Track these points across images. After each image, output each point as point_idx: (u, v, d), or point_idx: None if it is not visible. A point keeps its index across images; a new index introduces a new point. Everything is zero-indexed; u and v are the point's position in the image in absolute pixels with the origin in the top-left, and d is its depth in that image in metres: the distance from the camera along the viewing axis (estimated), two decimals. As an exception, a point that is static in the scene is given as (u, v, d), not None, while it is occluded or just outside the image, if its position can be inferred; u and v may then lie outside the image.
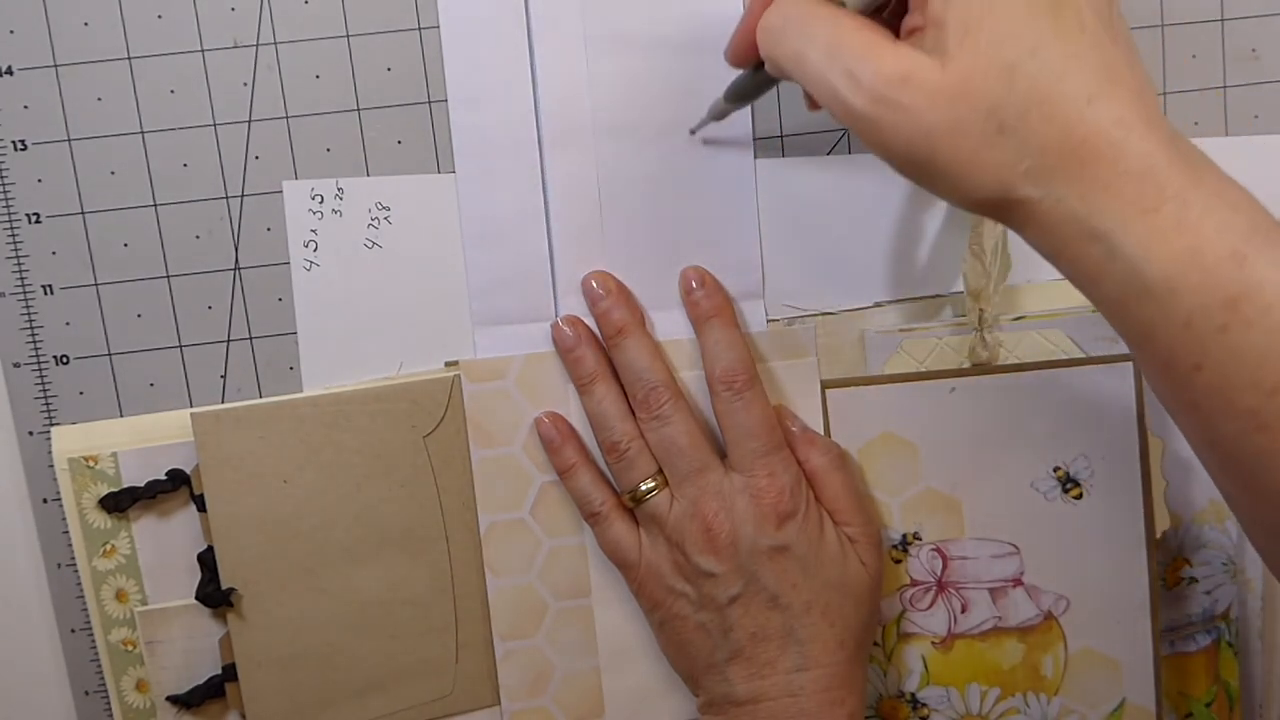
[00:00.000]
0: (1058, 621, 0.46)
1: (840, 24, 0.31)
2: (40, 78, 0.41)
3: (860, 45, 0.30)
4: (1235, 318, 0.27)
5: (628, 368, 0.43)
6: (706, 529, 0.41)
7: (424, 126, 0.43)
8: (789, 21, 0.32)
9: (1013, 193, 0.29)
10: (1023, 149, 0.29)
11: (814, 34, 0.31)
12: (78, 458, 0.42)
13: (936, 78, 0.29)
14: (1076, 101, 0.28)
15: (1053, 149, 0.28)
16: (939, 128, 0.29)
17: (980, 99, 0.28)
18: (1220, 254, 0.27)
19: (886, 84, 0.29)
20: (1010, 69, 0.28)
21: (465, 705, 0.46)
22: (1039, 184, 0.29)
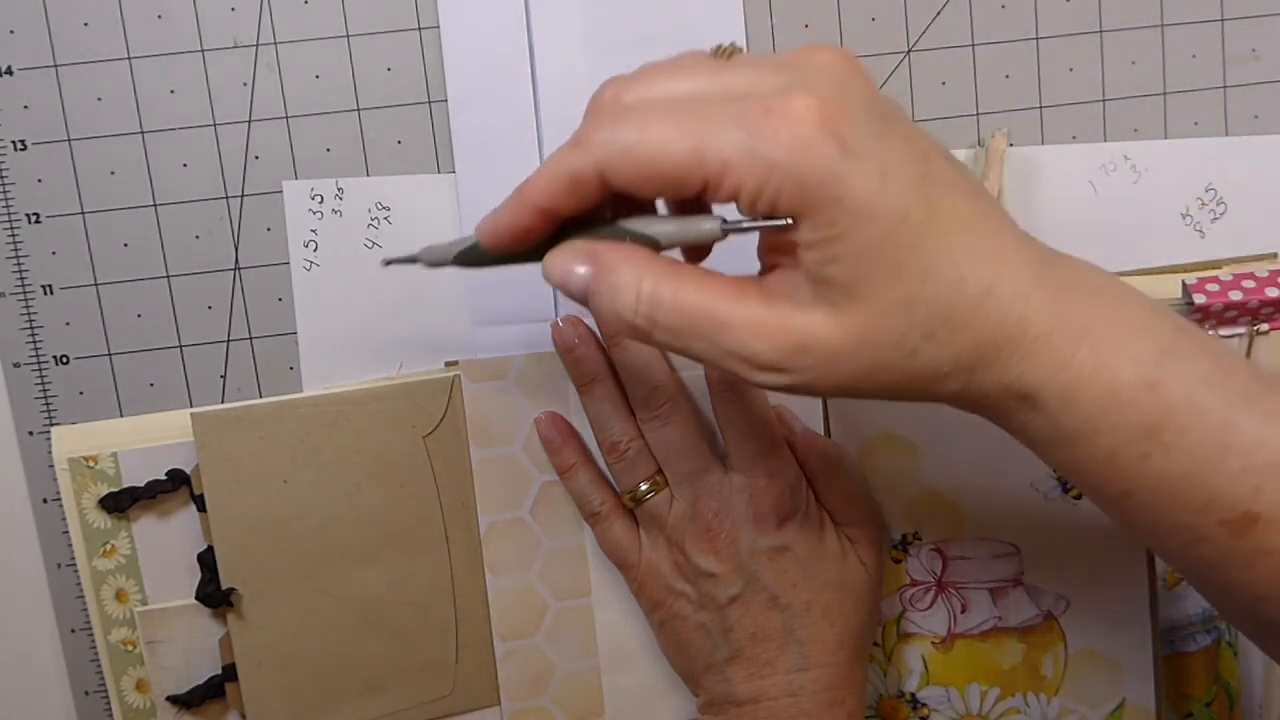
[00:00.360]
0: (1058, 621, 0.46)
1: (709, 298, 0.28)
2: (40, 78, 0.41)
3: (742, 323, 0.28)
4: (1155, 445, 0.28)
5: (628, 368, 0.43)
6: (706, 529, 0.41)
7: (424, 126, 0.43)
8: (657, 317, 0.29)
9: (936, 393, 0.30)
10: (937, 361, 0.28)
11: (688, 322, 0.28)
12: (78, 458, 0.42)
13: (834, 336, 0.28)
14: (977, 300, 0.28)
15: (966, 352, 0.28)
16: (850, 376, 0.28)
17: (883, 340, 0.28)
18: (1134, 387, 0.28)
19: (785, 358, 0.28)
20: (907, 303, 0.27)
21: (465, 705, 0.46)
22: (958, 379, 0.29)
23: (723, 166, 0.27)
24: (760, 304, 0.28)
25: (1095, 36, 0.45)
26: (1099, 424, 0.28)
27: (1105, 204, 0.46)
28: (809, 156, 0.26)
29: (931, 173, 0.28)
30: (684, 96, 0.28)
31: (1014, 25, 0.45)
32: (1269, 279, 0.44)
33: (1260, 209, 0.46)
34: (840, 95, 0.27)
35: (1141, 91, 0.46)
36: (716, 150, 0.27)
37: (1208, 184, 0.46)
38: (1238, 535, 0.29)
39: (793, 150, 0.26)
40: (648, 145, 0.27)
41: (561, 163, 0.29)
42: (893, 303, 0.27)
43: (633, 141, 0.28)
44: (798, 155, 0.26)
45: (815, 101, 0.26)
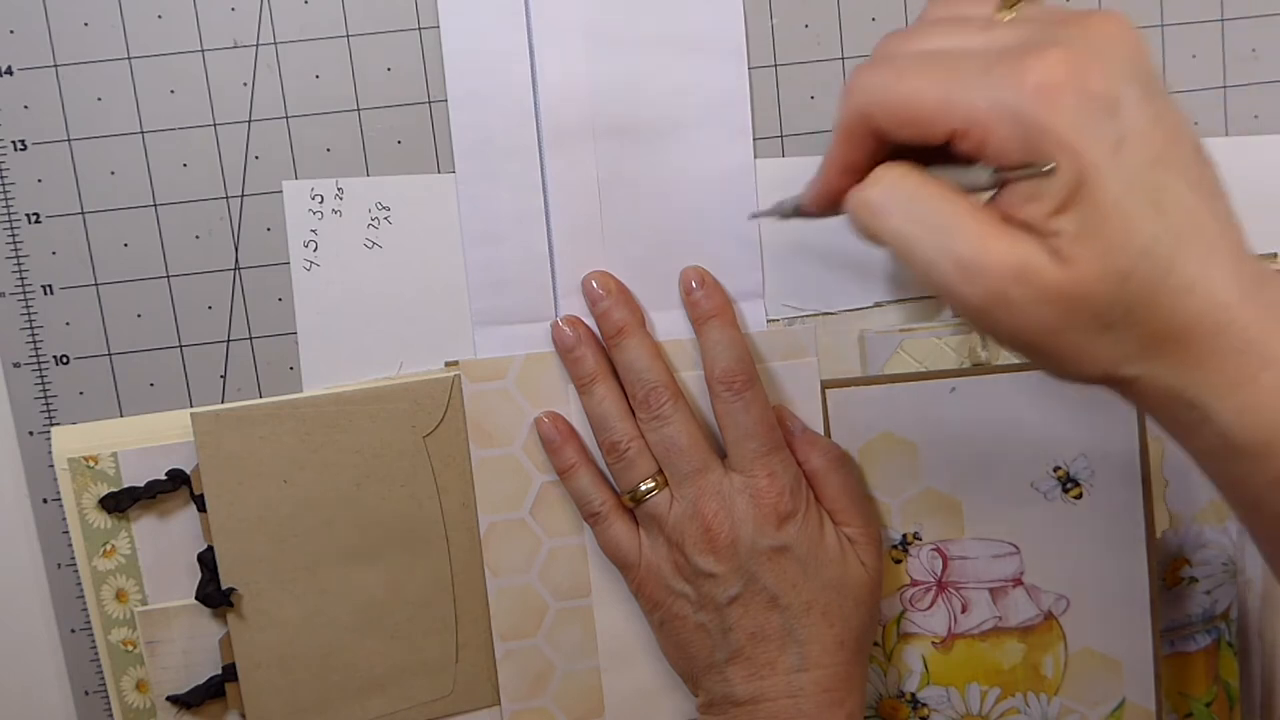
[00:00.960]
0: (1058, 621, 0.46)
1: (949, 206, 0.29)
2: (40, 78, 0.41)
3: (974, 233, 0.28)
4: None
5: (628, 368, 0.43)
6: (706, 529, 0.41)
7: (424, 126, 0.43)
8: (891, 199, 0.30)
9: (1112, 375, 0.29)
10: (1125, 342, 0.29)
11: (921, 215, 0.29)
12: (78, 458, 0.42)
13: (1050, 278, 0.28)
14: (1178, 293, 0.28)
15: (1153, 338, 0.28)
16: (1046, 324, 0.29)
17: (1090, 302, 0.28)
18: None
19: (999, 279, 0.28)
20: (1123, 274, 0.28)
21: (465, 705, 0.46)
22: (1138, 365, 0.29)
23: (969, 115, 0.28)
24: (996, 226, 0.29)
25: (1095, 36, 0.45)
26: (1270, 449, 0.28)
27: (1105, 204, 0.46)
28: (1051, 109, 0.27)
29: (1170, 156, 0.28)
30: (948, 50, 0.29)
31: (1014, 25, 0.45)
32: (1269, 279, 0.44)
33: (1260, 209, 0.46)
34: (1099, 56, 0.27)
35: (1141, 91, 0.46)
36: (965, 99, 0.28)
37: (1208, 184, 0.46)
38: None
39: (1038, 100, 0.27)
40: (900, 93, 0.29)
41: (837, 118, 0.31)
42: (1111, 270, 0.28)
43: (888, 89, 0.29)
44: (1042, 105, 0.27)
45: (1068, 55, 0.27)
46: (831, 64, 0.44)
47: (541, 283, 0.44)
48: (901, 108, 0.29)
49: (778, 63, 0.44)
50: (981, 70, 0.28)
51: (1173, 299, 0.28)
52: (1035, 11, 0.30)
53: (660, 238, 0.44)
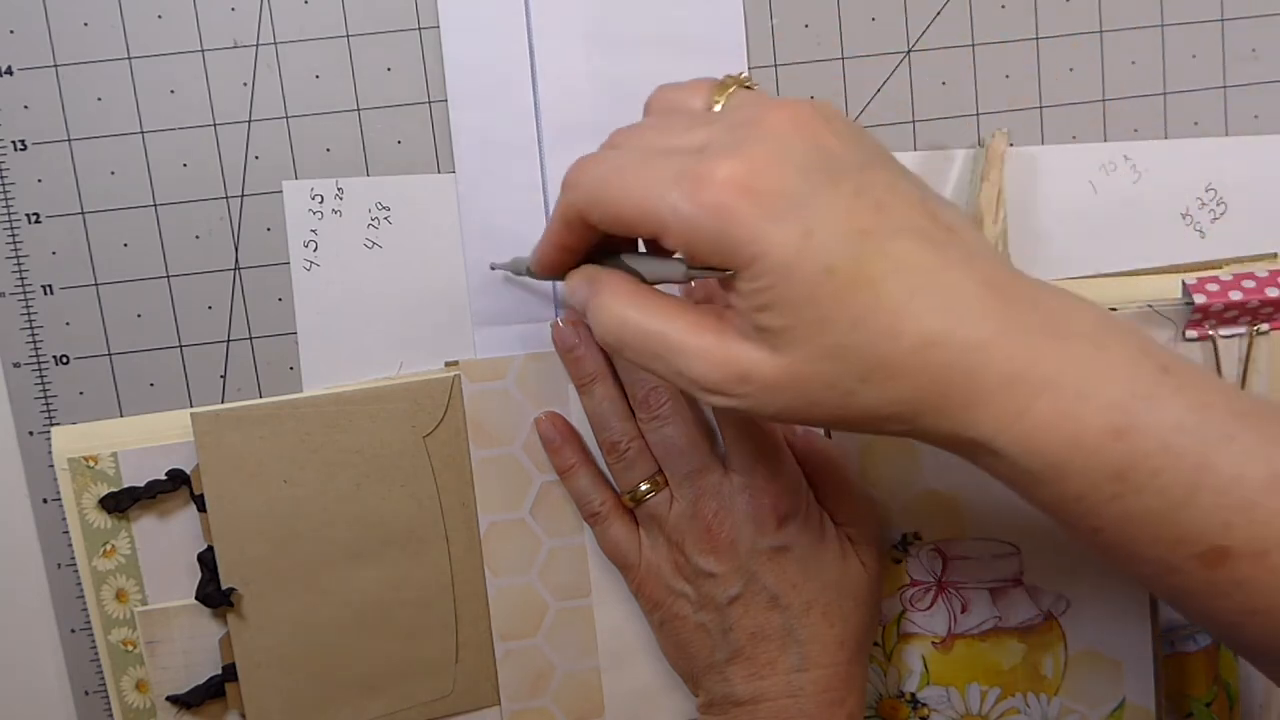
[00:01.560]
0: (1058, 621, 0.46)
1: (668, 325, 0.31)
2: (40, 78, 0.41)
3: (692, 351, 0.31)
4: (1125, 487, 0.28)
5: (627, 368, 0.43)
6: (706, 529, 0.41)
7: (424, 126, 0.43)
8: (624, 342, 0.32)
9: (884, 429, 0.30)
10: (877, 402, 0.29)
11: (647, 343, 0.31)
12: (78, 458, 0.42)
13: (770, 372, 0.30)
14: (915, 351, 0.28)
15: (906, 396, 0.29)
16: (792, 407, 0.30)
17: (817, 381, 0.29)
18: (1100, 433, 0.28)
19: (729, 385, 0.30)
20: (836, 351, 0.29)
21: (465, 705, 0.46)
22: (904, 421, 0.30)
23: (661, 224, 0.29)
24: (713, 335, 0.31)
25: (1095, 36, 0.45)
26: (1063, 470, 0.29)
27: (1105, 204, 0.46)
28: (727, 219, 0.28)
29: (880, 225, 0.28)
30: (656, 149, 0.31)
31: (1014, 25, 0.45)
32: (1269, 279, 0.44)
33: (1260, 209, 0.46)
34: (774, 157, 0.29)
35: (1141, 91, 0.46)
36: (655, 209, 0.29)
37: (1208, 184, 0.46)
38: (1209, 568, 0.29)
39: (713, 213, 0.28)
40: (608, 196, 0.31)
41: (559, 205, 0.34)
42: (822, 349, 0.29)
43: (600, 189, 0.31)
44: (717, 218, 0.28)
45: (738, 166, 0.28)
46: (831, 64, 0.44)
47: (541, 283, 0.44)
48: (609, 210, 0.31)
49: (778, 63, 0.44)
50: (674, 180, 0.29)
51: (913, 357, 0.28)
52: (739, 100, 0.32)
53: (660, 238, 0.44)
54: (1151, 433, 0.28)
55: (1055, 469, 0.29)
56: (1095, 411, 0.28)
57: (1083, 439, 0.28)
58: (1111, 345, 0.29)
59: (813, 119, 0.30)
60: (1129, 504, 0.28)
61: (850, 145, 0.30)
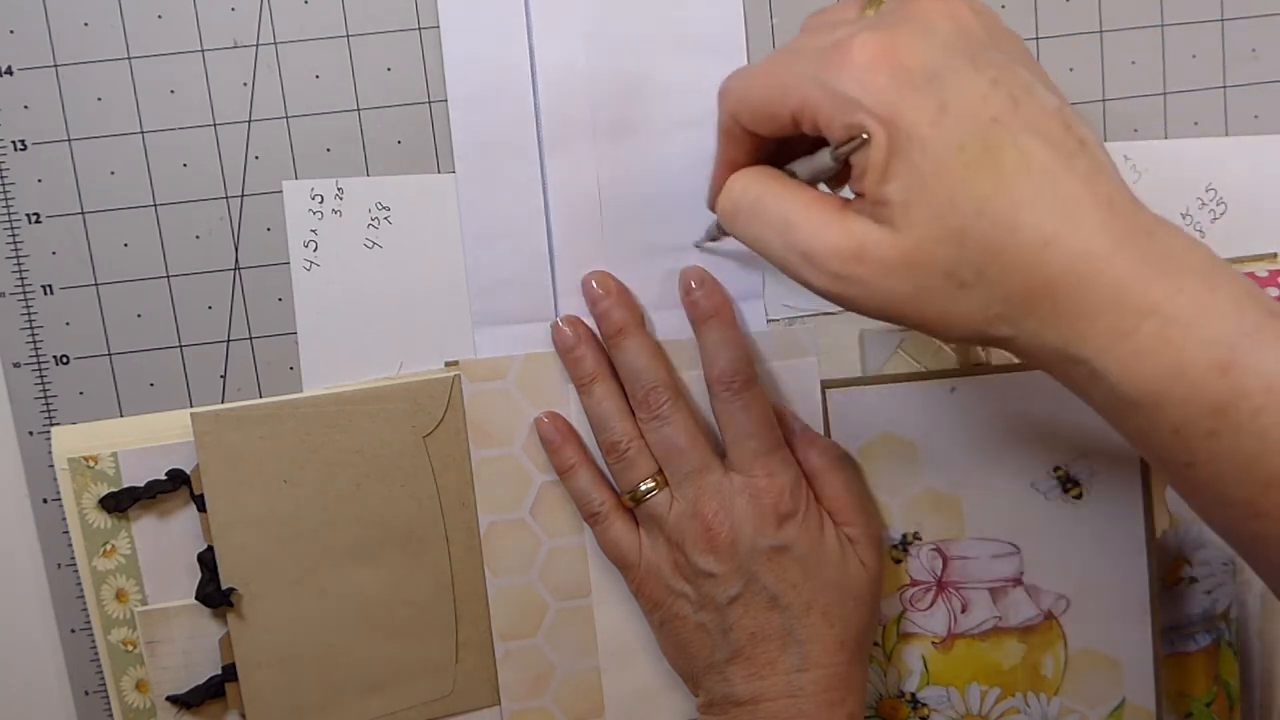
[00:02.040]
0: (1058, 621, 0.46)
1: (790, 202, 0.32)
2: (40, 78, 0.41)
3: (810, 225, 0.31)
4: (1223, 424, 0.28)
5: (627, 368, 0.43)
6: (706, 529, 0.41)
7: (424, 126, 0.43)
8: (740, 206, 0.33)
9: (987, 334, 0.30)
10: (987, 300, 0.29)
11: (766, 217, 0.32)
12: (78, 458, 0.42)
13: (888, 251, 0.30)
14: (1032, 248, 0.28)
15: (1017, 296, 0.29)
16: (899, 295, 0.30)
17: (934, 265, 0.29)
18: (1205, 366, 0.28)
19: (841, 263, 0.30)
20: (959, 234, 0.29)
21: (465, 705, 0.46)
22: (1011, 324, 0.30)
23: (801, 100, 0.30)
24: (831, 213, 0.31)
25: (1095, 36, 0.45)
26: (1163, 397, 0.28)
27: (1105, 204, 0.46)
28: (866, 85, 0.29)
29: (1013, 118, 0.29)
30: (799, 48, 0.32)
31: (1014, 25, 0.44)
32: (1269, 279, 0.44)
33: (1260, 209, 0.46)
34: (917, 34, 0.29)
35: (1141, 91, 0.46)
36: (798, 86, 0.30)
37: (1208, 184, 0.46)
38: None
39: (853, 79, 0.29)
40: (752, 89, 0.32)
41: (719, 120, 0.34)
42: (945, 231, 0.29)
43: (745, 88, 0.33)
44: (856, 85, 0.29)
45: (880, 37, 0.29)
46: (831, 64, 0.44)
47: (541, 283, 0.44)
48: (754, 102, 0.32)
49: (778, 63, 0.44)
50: (814, 60, 0.30)
51: (1028, 254, 0.28)
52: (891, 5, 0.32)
53: (660, 238, 0.44)
54: (1257, 371, 0.28)
55: (1154, 397, 0.28)
56: (1201, 344, 0.28)
57: (1186, 369, 0.28)
58: (1221, 285, 0.29)
59: (963, 8, 0.30)
60: (1225, 442, 0.28)
61: (997, 39, 0.30)
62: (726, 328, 0.43)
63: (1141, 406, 0.29)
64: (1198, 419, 0.28)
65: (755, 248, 0.33)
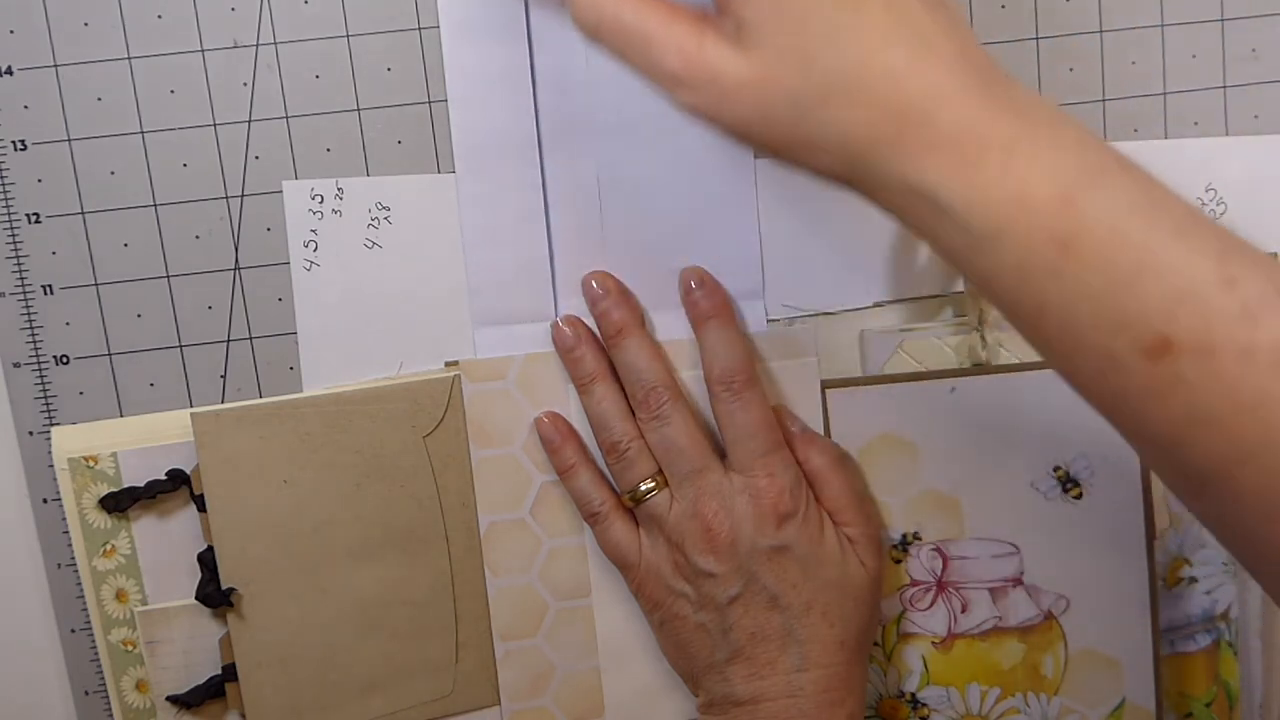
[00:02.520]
0: (1058, 621, 0.46)
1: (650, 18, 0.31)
2: (40, 78, 0.41)
3: (671, 42, 0.31)
4: (1068, 260, 0.28)
5: (627, 368, 0.43)
6: (706, 529, 0.41)
7: (424, 126, 0.43)
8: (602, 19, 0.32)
9: (832, 169, 0.31)
10: (831, 130, 0.29)
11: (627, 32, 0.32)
12: (78, 458, 0.42)
13: (739, 71, 0.30)
14: (877, 81, 0.29)
15: (860, 127, 0.29)
16: (750, 117, 0.30)
17: (781, 88, 0.30)
18: (1047, 198, 0.28)
19: (696, 81, 0.31)
20: (806, 60, 0.29)
21: (465, 705, 0.46)
22: (855, 158, 0.30)
23: None
24: (689, 30, 0.31)
25: (1095, 36, 0.45)
26: (1005, 230, 0.28)
27: (1105, 204, 0.46)
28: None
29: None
30: None
31: (1014, 25, 0.45)
32: (1269, 279, 0.44)
33: (1260, 209, 0.46)
34: None
35: (1141, 91, 0.46)
36: None
37: (1208, 184, 0.46)
38: (1152, 360, 0.27)
39: None
40: None
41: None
42: (792, 54, 0.29)
43: None
44: None
45: None
46: (831, 64, 0.44)
47: (541, 283, 0.44)
48: None
49: (778, 63, 0.44)
50: None
51: (877, 84, 0.29)
52: None
53: (660, 238, 0.44)
54: (1100, 207, 0.28)
55: (996, 230, 0.28)
56: (1045, 176, 0.28)
57: (1029, 199, 0.28)
58: (1066, 129, 0.29)
59: None
60: (1071, 281, 0.28)
61: None
62: (726, 328, 0.43)
63: (986, 239, 0.29)
64: (1043, 254, 0.28)
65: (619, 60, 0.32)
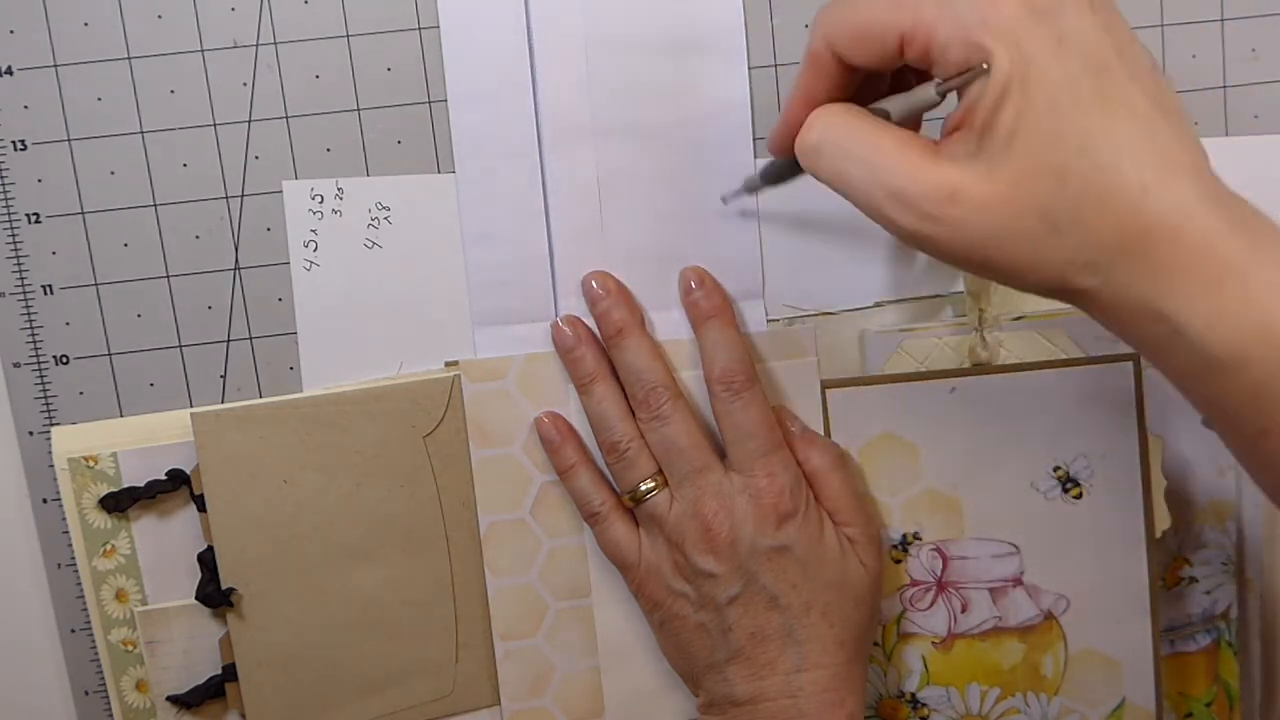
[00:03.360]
0: (1058, 621, 0.46)
1: (879, 141, 0.31)
2: (40, 78, 0.41)
3: (902, 163, 0.30)
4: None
5: (627, 368, 0.43)
6: (706, 529, 0.41)
7: (424, 126, 0.43)
8: (825, 141, 0.32)
9: (1072, 283, 0.30)
10: (1080, 245, 0.29)
11: (853, 153, 0.31)
12: (78, 458, 0.42)
13: (984, 189, 0.29)
14: (1130, 192, 0.28)
15: (1110, 242, 0.29)
16: (992, 236, 0.29)
17: (1031, 204, 0.29)
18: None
19: (933, 203, 0.29)
20: (1060, 171, 0.28)
21: (465, 705, 0.46)
22: (1098, 273, 0.29)
23: (915, 18, 0.29)
24: (922, 153, 0.30)
25: (1095, 36, 0.45)
26: (1246, 356, 0.28)
27: (1105, 204, 0.46)
28: (992, 6, 0.28)
29: (1119, 65, 0.29)
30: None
31: (1014, 25, 0.45)
32: (1269, 279, 0.44)
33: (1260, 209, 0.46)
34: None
35: (1141, 91, 0.46)
36: (913, 5, 0.30)
37: (1208, 184, 0.46)
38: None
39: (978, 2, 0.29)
40: (858, 7, 0.31)
41: (808, 47, 0.33)
42: (1046, 167, 0.28)
43: (848, 6, 0.31)
44: (980, 5, 0.28)
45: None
46: (831, 64, 0.44)
47: (541, 283, 0.44)
48: (859, 23, 0.31)
49: (778, 63, 0.44)
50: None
51: (1125, 201, 0.28)
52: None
53: (660, 238, 0.44)
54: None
55: (1237, 355, 0.28)
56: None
57: (1270, 327, 0.28)
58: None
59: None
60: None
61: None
62: (726, 328, 0.43)
63: (1222, 366, 0.28)
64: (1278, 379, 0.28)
65: (836, 185, 0.32)
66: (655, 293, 0.44)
